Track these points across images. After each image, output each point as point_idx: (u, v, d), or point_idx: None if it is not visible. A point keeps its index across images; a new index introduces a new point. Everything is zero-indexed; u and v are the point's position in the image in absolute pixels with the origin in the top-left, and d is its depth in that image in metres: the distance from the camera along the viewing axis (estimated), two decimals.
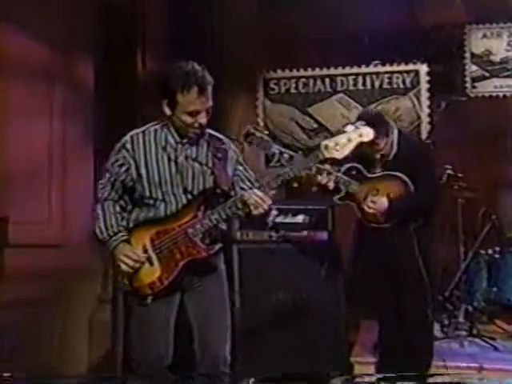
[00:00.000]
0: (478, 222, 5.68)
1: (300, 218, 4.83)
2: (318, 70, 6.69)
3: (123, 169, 3.32)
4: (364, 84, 6.57)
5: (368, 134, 3.20)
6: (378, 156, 4.33)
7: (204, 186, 3.30)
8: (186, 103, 3.14)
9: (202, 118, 3.19)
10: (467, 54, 6.53)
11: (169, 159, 3.27)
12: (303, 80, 6.67)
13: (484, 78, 6.49)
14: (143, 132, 3.32)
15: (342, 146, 3.16)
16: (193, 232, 3.24)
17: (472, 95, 6.49)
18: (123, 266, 3.25)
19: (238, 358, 4.16)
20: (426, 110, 6.43)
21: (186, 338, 3.40)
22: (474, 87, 6.51)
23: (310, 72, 6.70)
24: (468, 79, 6.52)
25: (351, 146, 3.17)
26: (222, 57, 6.24)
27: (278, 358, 4.54)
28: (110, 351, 4.87)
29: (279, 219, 4.77)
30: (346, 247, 4.78)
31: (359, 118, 4.28)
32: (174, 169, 3.26)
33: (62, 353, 4.66)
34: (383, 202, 4.24)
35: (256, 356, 4.55)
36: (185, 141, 3.29)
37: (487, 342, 5.00)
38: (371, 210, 4.24)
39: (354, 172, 4.37)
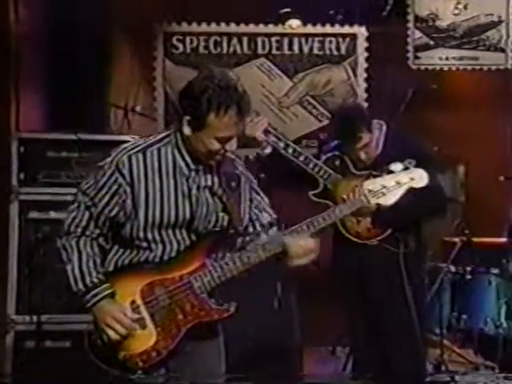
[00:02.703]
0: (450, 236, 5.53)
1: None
2: (233, 25, 6.16)
3: (115, 200, 2.87)
4: (290, 48, 6.15)
5: (422, 177, 3.08)
6: (364, 155, 4.09)
7: (215, 225, 2.94)
8: (219, 128, 2.77)
9: (233, 146, 2.84)
10: (410, 17, 6.20)
11: (176, 191, 2.88)
12: (215, 38, 6.15)
13: (428, 48, 6.22)
14: (143, 152, 2.88)
15: (389, 190, 3.03)
16: (200, 286, 2.86)
17: (414, 67, 6.21)
18: (111, 334, 2.83)
19: None
20: (363, 85, 6.15)
21: None
22: (416, 57, 6.22)
23: (223, 28, 6.17)
24: (410, 48, 6.21)
25: (401, 191, 3.04)
26: (111, 4, 5.76)
27: None
28: None
29: None
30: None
31: (333, 113, 4.29)
32: (182, 205, 2.88)
33: None
34: None
35: None
36: (200, 167, 2.90)
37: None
38: None
39: (337, 162, 4.14)
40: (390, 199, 3.04)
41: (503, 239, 5.39)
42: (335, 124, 4.07)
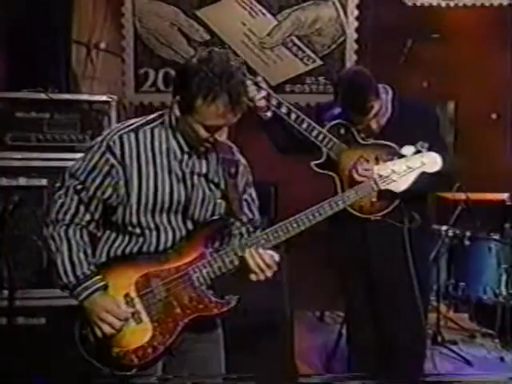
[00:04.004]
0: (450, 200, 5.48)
1: None
2: None
3: (107, 182, 2.85)
4: None
5: (435, 161, 3.12)
6: (375, 124, 4.02)
7: (213, 213, 2.95)
8: (205, 115, 2.75)
9: (222, 136, 2.83)
10: None
11: (170, 174, 2.88)
12: None
13: None
14: (135, 131, 2.88)
15: (400, 175, 3.09)
16: (199, 278, 2.85)
17: (409, 3, 6.16)
18: (105, 328, 2.82)
19: None
20: (354, 23, 6.06)
21: None
22: None
23: None
24: None
25: (412, 176, 3.11)
26: None
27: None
28: None
29: None
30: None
31: (338, 81, 4.03)
32: (176, 188, 2.88)
33: None
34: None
35: None
36: (193, 151, 2.91)
37: (456, 353, 4.95)
38: (361, 178, 3.90)
39: (342, 131, 4.08)
40: (401, 185, 3.09)
41: (503, 195, 5.35)
42: (342, 94, 3.93)
